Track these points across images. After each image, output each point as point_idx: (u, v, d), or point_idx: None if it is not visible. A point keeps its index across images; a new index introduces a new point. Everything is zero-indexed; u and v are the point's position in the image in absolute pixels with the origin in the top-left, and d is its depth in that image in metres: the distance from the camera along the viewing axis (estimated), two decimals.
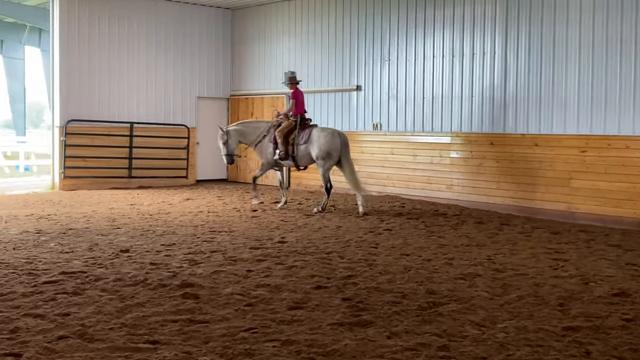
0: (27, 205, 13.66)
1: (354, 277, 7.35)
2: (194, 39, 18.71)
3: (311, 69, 17.14)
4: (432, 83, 14.46)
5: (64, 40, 16.69)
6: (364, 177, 15.62)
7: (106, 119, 17.24)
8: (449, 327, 5.58)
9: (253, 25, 18.72)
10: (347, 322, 5.67)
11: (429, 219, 11.94)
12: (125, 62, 17.64)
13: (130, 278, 7.17)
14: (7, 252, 8.52)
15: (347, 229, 10.80)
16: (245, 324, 5.61)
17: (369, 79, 15.78)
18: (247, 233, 10.36)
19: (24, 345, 5.00)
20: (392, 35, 15.20)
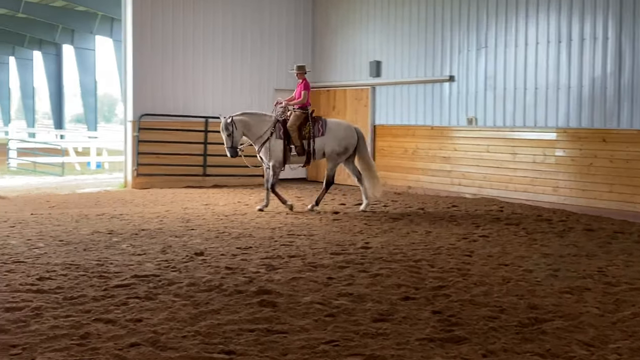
0: (98, 204, 14.15)
1: (446, 288, 7.26)
2: (272, 28, 18.92)
3: (398, 58, 17.06)
4: (535, 72, 14.13)
5: (137, 29, 17.18)
6: (457, 178, 15.48)
7: (180, 114, 17.65)
8: (553, 346, 5.44)
9: (336, 12, 18.79)
10: (437, 337, 5.60)
11: (530, 225, 11.67)
12: (200, 53, 18.01)
13: (204, 283, 7.31)
14: (77, 254, 8.85)
15: (437, 235, 10.68)
16: (326, 335, 5.62)
17: (462, 69, 15.56)
18: (328, 237, 10.39)
19: (94, 352, 5.17)
20: (490, 19, 14.94)
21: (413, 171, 16.61)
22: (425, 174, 16.28)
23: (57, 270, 7.83)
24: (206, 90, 18.07)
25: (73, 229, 10.82)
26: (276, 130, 13.06)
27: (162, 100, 17.44)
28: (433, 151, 16.14)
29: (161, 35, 17.48)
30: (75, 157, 25.90)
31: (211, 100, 18.13)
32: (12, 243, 9.52)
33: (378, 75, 17.52)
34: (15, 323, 5.84)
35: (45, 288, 7.04)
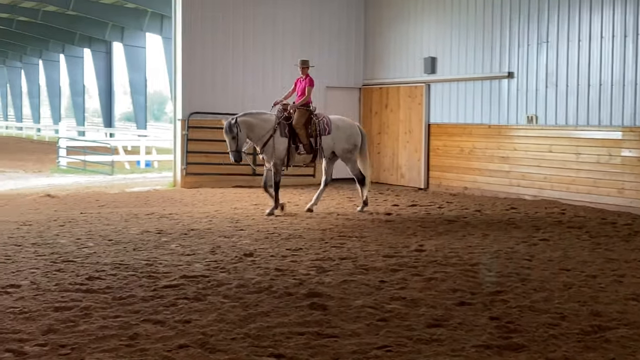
0: (147, 203, 14.37)
1: (504, 293, 7.17)
2: (323, 25, 18.94)
3: (454, 54, 16.92)
4: (599, 68, 13.87)
5: (186, 27, 17.40)
6: (516, 179, 15.30)
7: (230, 112, 17.74)
8: (618, 355, 5.33)
9: (389, 7, 18.72)
10: (494, 344, 5.54)
11: (594, 228, 11.45)
12: (250, 51, 18.14)
13: (254, 284, 7.36)
14: (127, 253, 9.01)
15: (495, 238, 10.56)
16: (378, 340, 5.61)
17: (522, 65, 15.35)
18: (380, 239, 10.36)
19: (143, 353, 5.25)
20: (551, 12, 14.72)
21: (469, 171, 16.46)
22: (483, 174, 16.11)
23: (106, 270, 7.99)
24: (255, 88, 18.17)
25: (122, 228, 11.02)
26: (280, 128, 12.83)
27: (212, 99, 17.61)
28: (491, 151, 15.96)
29: (211, 32, 17.66)
30: (124, 156, 26.34)
31: (260, 99, 18.18)
32: (61, 242, 9.73)
33: (433, 72, 17.41)
34: (64, 323, 5.97)
35: (94, 288, 7.18)
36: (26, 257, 8.70)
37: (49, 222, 11.52)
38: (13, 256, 8.72)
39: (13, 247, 9.29)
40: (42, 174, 22.38)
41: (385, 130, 18.91)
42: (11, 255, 8.75)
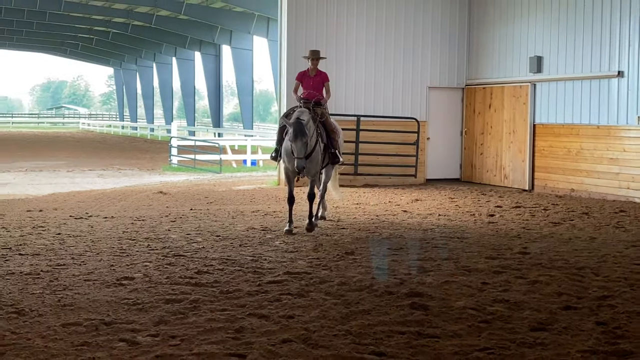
0: (253, 201, 14.64)
1: (611, 298, 6.94)
2: (426, 24, 18.79)
3: (561, 52, 16.46)
4: None
5: (291, 29, 17.63)
6: (625, 181, 14.78)
7: (332, 112, 17.84)
8: None
9: (494, 4, 18.41)
10: (601, 350, 5.36)
11: None
12: (353, 52, 18.21)
13: (355, 282, 7.38)
14: (233, 249, 9.21)
15: (603, 242, 10.22)
16: (480, 342, 5.52)
17: (633, 63, 14.78)
18: (483, 241, 10.20)
19: (248, 346, 5.35)
20: None
21: (576, 173, 15.98)
22: (590, 176, 15.61)
23: (214, 265, 8.19)
24: (358, 89, 18.24)
25: (229, 224, 11.27)
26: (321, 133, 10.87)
27: None
28: (599, 152, 15.45)
29: (315, 35, 17.83)
30: (231, 155, 26.87)
31: (363, 99, 18.29)
32: (172, 237, 10.04)
33: (539, 71, 17.00)
34: (174, 315, 6.15)
35: (202, 281, 7.38)
36: (140, 250, 9.03)
37: (161, 218, 11.91)
38: (127, 250, 9.07)
39: (127, 241, 9.65)
40: (155, 172, 23.14)
41: (489, 131, 18.59)
42: (126, 249, 9.10)
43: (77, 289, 7.01)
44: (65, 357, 5.08)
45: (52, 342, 5.41)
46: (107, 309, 6.31)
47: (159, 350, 5.24)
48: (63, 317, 6.06)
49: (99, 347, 5.31)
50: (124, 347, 5.30)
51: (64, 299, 6.64)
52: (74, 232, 10.33)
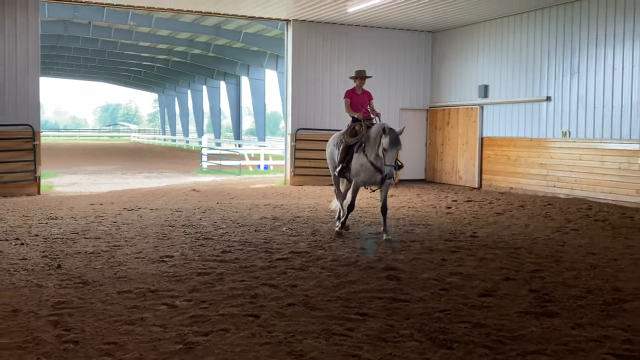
0: (265, 196, 14.64)
1: (541, 271, 6.97)
2: (399, 60, 18.82)
3: (503, 82, 16.48)
4: (620, 93, 13.22)
5: (295, 63, 17.67)
6: (552, 181, 14.78)
7: (327, 128, 17.95)
8: (634, 322, 5.09)
9: (450, 45, 18.41)
10: (533, 311, 5.39)
11: (616, 221, 10.93)
12: (342, 79, 18.16)
13: (344, 259, 7.41)
14: (250, 234, 9.22)
15: (535, 228, 10.24)
16: (440, 305, 5.55)
17: (558, 90, 14.80)
18: (442, 227, 10.22)
19: (261, 308, 5.37)
20: (582, 48, 14.13)
21: (514, 175, 15.99)
22: (525, 177, 15.62)
23: (235, 246, 8.20)
24: None
25: (247, 215, 11.27)
26: None
27: (313, 118, 17.83)
28: (532, 159, 15.46)
29: (313, 67, 17.85)
30: (249, 161, 26.85)
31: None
32: (203, 224, 10.05)
33: (486, 96, 17.00)
34: (204, 284, 6.16)
35: (226, 259, 7.38)
36: (177, 235, 9.03)
37: (194, 209, 11.91)
38: (168, 234, 9.07)
39: (168, 228, 9.65)
40: (189, 174, 23.12)
41: (447, 142, 18.59)
42: (167, 234, 9.10)
43: (129, 265, 7.02)
44: (120, 317, 5.09)
45: (110, 305, 5.43)
46: (152, 280, 6.32)
47: (192, 312, 5.25)
48: (118, 286, 6.07)
49: (146, 309, 5.33)
50: (165, 310, 5.32)
51: (119, 272, 6.65)
52: (126, 221, 10.33)
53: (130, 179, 20.09)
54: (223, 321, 4.99)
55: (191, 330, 4.77)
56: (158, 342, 4.52)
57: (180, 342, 4.53)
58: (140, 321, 4.98)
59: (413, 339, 4.64)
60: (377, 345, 4.49)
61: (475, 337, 4.69)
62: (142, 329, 4.79)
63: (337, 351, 4.37)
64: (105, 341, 4.53)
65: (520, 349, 4.46)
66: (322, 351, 4.36)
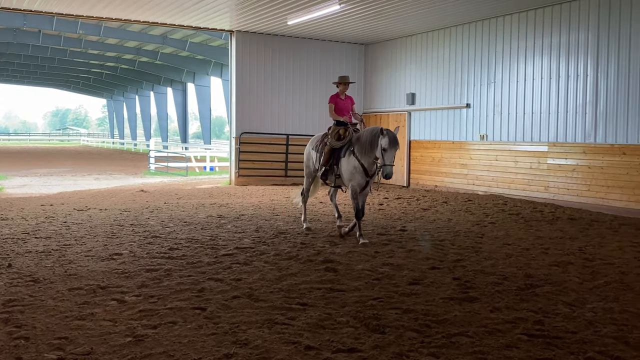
0: (211, 196, 14.45)
1: (463, 261, 7.16)
2: (335, 68, 18.93)
3: (429, 90, 16.86)
4: (531, 101, 13.77)
5: (239, 72, 17.51)
6: (472, 179, 15.21)
7: (269, 132, 17.88)
8: (544, 305, 5.30)
9: (382, 56, 18.69)
10: (456, 297, 5.53)
11: (527, 215, 11.38)
12: (283, 87, 18.20)
13: (286, 254, 7.39)
14: (196, 231, 9.07)
15: (457, 221, 10.53)
16: (373, 294, 5.62)
17: (476, 98, 15.28)
18: (375, 222, 10.36)
19: (207, 301, 5.29)
20: (498, 61, 14.63)
21: (439, 174, 16.38)
22: (448, 176, 16.03)
23: (182, 243, 8.04)
24: (287, 115, 18.23)
25: (193, 213, 11.08)
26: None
27: (256, 122, 17.71)
28: (454, 160, 15.88)
29: (255, 75, 17.74)
30: (195, 163, 26.43)
31: (290, 122, 18.29)
32: (151, 223, 9.81)
33: (413, 103, 17.35)
34: (153, 280, 6.02)
35: (174, 256, 7.24)
36: (126, 234, 8.78)
37: (142, 209, 11.62)
38: (117, 233, 8.81)
39: (117, 227, 9.37)
40: (137, 176, 22.54)
41: None
42: (116, 233, 8.84)
43: (79, 263, 6.77)
44: (70, 313, 4.91)
45: (60, 302, 5.23)
46: (102, 277, 6.12)
47: (141, 306, 5.12)
48: (69, 283, 5.85)
49: (96, 305, 5.16)
50: (115, 305, 5.17)
51: (69, 270, 6.41)
52: (76, 221, 9.96)
53: (80, 181, 19.39)
54: (171, 314, 4.89)
55: (140, 324, 4.65)
56: (108, 336, 4.38)
57: (130, 335, 4.41)
58: (90, 316, 4.82)
59: (349, 325, 4.67)
60: (316, 332, 4.51)
61: (405, 322, 4.77)
62: (93, 324, 4.64)
63: (280, 339, 4.36)
64: (56, 336, 4.36)
65: (445, 331, 4.56)
66: (265, 339, 4.34)
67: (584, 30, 12.51)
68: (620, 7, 11.79)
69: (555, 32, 13.12)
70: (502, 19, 14.42)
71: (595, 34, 12.27)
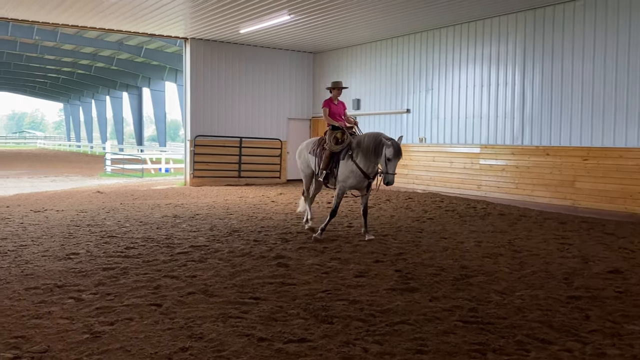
0: (167, 197, 14.15)
1: (404, 254, 7.27)
2: (285, 76, 18.94)
3: (373, 97, 17.06)
4: (465, 106, 14.15)
5: (193, 77, 17.22)
6: (412, 179, 15.47)
7: (223, 135, 17.67)
8: (478, 294, 5.45)
9: (329, 64, 18.78)
10: (398, 288, 5.62)
11: (462, 211, 11.68)
12: (236, 92, 18.03)
13: (239, 251, 7.32)
14: (152, 231, 8.86)
15: (398, 218, 10.69)
16: (322, 286, 5.63)
17: (416, 104, 15.57)
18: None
19: (163, 298, 5.18)
20: (435, 70, 14.96)
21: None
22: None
23: (138, 242, 7.84)
24: (240, 119, 18.08)
25: (149, 213, 10.84)
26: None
27: (210, 125, 17.47)
28: None
29: (209, 80, 17.51)
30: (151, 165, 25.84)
31: (244, 125, 18.15)
32: (107, 223, 9.53)
33: (359, 108, 17.51)
34: (109, 278, 5.85)
35: (130, 254, 7.05)
36: (83, 234, 8.49)
37: (99, 210, 11.27)
38: (74, 233, 8.50)
39: (74, 227, 9.05)
40: (93, 177, 21.82)
41: None
42: (72, 233, 8.53)
43: (36, 263, 6.50)
44: (27, 312, 4.71)
45: (17, 301, 5.00)
46: (59, 276, 5.90)
47: (98, 303, 4.97)
48: (26, 283, 5.61)
49: (54, 303, 4.97)
50: (72, 303, 4.99)
51: (26, 270, 6.14)
52: (33, 222, 9.56)
53: (36, 183, 18.61)
54: (128, 311, 4.76)
55: (97, 321, 4.51)
56: (65, 334, 4.22)
57: (87, 332, 4.27)
58: (47, 315, 4.63)
59: (299, 317, 4.67)
60: (268, 325, 4.49)
61: (351, 312, 4.81)
62: (50, 322, 4.46)
63: (233, 332, 4.31)
64: (13, 335, 4.17)
65: (388, 320, 4.62)
66: (219, 333, 4.28)
67: (512, 42, 12.95)
68: (544, 21, 12.27)
69: (486, 44, 13.53)
70: (439, 31, 14.75)
71: (522, 45, 12.72)
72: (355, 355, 3.88)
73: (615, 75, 10.94)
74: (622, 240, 8.55)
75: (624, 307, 5.07)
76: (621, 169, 10.79)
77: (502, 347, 4.06)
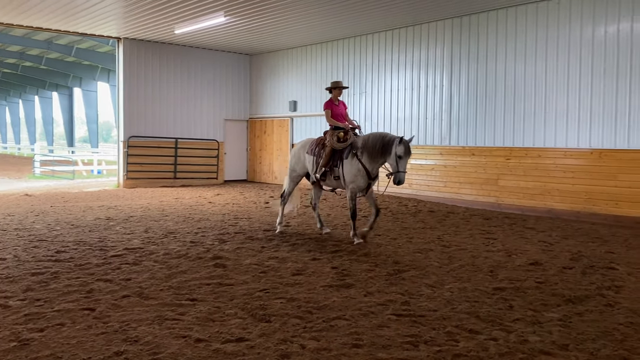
0: (99, 199, 13.61)
1: (340, 251, 7.34)
2: (222, 76, 18.67)
3: (309, 98, 17.12)
4: (397, 108, 14.46)
5: (126, 77, 16.64)
6: None
7: (157, 135, 17.19)
8: (410, 288, 5.58)
9: (266, 66, 18.69)
10: (335, 284, 5.66)
11: (395, 208, 11.93)
12: (172, 93, 17.59)
13: (175, 253, 7.15)
14: (84, 234, 8.49)
15: (335, 217, 10.78)
16: (260, 286, 5.60)
17: (350, 106, 15.76)
18: (262, 219, 10.33)
19: (97, 302, 4.98)
20: (368, 73, 15.20)
21: None
22: None
23: (69, 246, 7.49)
24: (176, 119, 17.66)
25: (81, 216, 10.38)
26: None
27: (144, 126, 16.95)
28: None
29: (143, 80, 16.98)
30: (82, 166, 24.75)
31: (179, 126, 17.73)
32: (36, 227, 9.04)
33: (295, 110, 17.53)
34: (39, 284, 5.55)
35: (61, 258, 6.72)
36: (10, 238, 8.01)
37: (27, 213, 10.67)
38: (0, 238, 8.01)
39: (0, 232, 8.53)
40: (21, 180, 20.64)
41: (264, 148, 18.85)
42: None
43: None
44: None
45: None
46: None
47: (27, 310, 4.70)
48: None
49: None
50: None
51: None
52: None
53: None
54: (59, 317, 4.53)
55: (26, 328, 4.26)
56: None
57: (15, 339, 4.02)
58: None
59: (237, 317, 4.62)
60: (205, 325, 4.40)
61: (289, 310, 4.80)
62: None
63: (170, 334, 4.20)
64: None
65: (325, 316, 4.65)
66: (155, 335, 4.16)
67: (440, 47, 13.37)
68: (470, 27, 12.75)
69: (417, 48, 13.90)
70: (372, 36, 15.01)
71: (449, 50, 13.16)
72: (293, 352, 3.88)
73: (534, 81, 11.54)
74: (541, 234, 9.02)
75: (544, 296, 5.36)
76: (540, 167, 11.38)
77: (433, 339, 4.18)
